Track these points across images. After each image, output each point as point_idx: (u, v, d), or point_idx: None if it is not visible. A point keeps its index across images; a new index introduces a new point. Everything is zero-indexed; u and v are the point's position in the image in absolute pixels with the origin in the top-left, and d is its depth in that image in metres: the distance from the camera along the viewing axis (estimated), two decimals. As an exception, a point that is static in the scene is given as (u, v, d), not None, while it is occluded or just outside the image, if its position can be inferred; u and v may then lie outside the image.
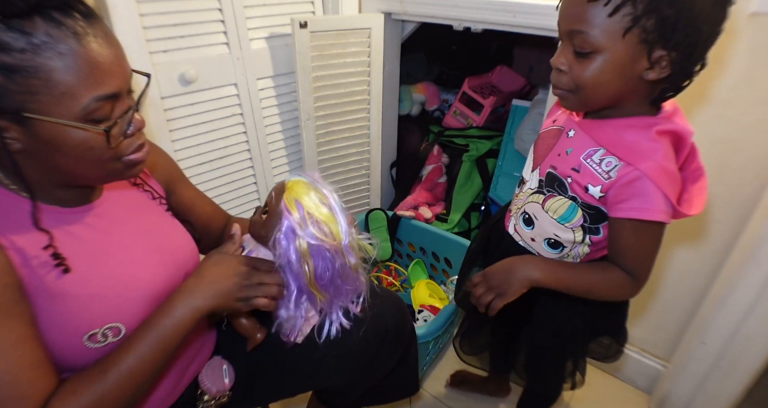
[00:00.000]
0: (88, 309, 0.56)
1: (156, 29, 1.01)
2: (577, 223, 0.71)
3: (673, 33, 0.55)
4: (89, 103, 0.49)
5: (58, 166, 0.53)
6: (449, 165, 1.76)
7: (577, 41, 0.59)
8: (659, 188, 0.61)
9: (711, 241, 1.05)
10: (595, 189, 0.66)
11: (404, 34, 1.54)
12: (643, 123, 0.63)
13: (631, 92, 0.62)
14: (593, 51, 0.58)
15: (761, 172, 0.93)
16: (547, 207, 0.74)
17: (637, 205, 0.63)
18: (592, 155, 0.67)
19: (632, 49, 0.57)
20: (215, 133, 1.20)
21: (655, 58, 0.57)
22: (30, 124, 0.48)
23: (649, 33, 0.55)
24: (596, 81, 0.60)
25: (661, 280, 1.17)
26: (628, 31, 0.55)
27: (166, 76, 1.05)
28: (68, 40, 0.46)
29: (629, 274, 0.70)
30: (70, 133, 0.49)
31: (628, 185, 0.63)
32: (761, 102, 0.89)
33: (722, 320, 1.04)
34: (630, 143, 0.63)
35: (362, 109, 1.43)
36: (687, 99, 0.96)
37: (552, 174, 0.72)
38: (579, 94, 0.63)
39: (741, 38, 0.87)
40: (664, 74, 0.59)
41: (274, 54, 1.24)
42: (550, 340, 0.86)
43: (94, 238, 0.60)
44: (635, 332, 1.29)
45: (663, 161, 0.61)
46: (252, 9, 1.15)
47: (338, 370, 0.84)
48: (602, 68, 0.59)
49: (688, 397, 1.16)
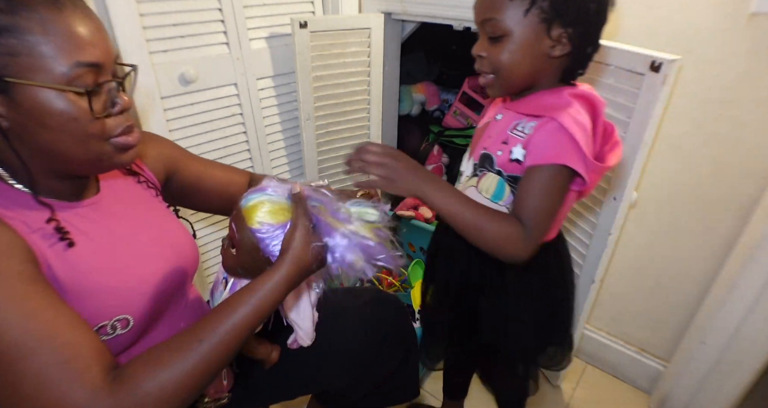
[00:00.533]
0: (97, 302, 0.56)
1: (156, 29, 1.01)
2: (508, 200, 0.74)
3: (567, 10, 0.63)
4: (71, 68, 0.48)
5: (44, 145, 0.51)
6: (449, 165, 1.76)
7: (489, 28, 0.67)
8: (569, 132, 0.64)
9: (711, 241, 1.05)
10: (517, 149, 0.70)
11: (404, 34, 1.54)
12: (556, 90, 0.71)
13: (543, 70, 0.70)
14: (503, 34, 0.66)
15: (761, 172, 0.93)
16: (480, 187, 0.76)
17: (544, 150, 0.66)
18: (517, 126, 0.72)
19: (535, 28, 0.65)
20: (215, 133, 1.20)
21: (556, 36, 0.65)
22: (12, 92, 0.47)
23: (546, 12, 0.64)
24: (510, 61, 0.68)
25: (661, 280, 1.17)
26: (528, 12, 0.64)
27: (166, 76, 1.04)
28: (47, 6, 0.47)
29: (522, 226, 0.68)
30: (52, 101, 0.48)
31: (541, 133, 0.67)
32: (761, 102, 0.89)
33: (722, 320, 1.04)
34: (546, 104, 0.69)
35: (362, 109, 1.43)
36: (687, 99, 0.97)
37: (484, 154, 0.76)
38: (499, 76, 0.70)
39: (741, 38, 0.87)
40: (566, 50, 0.66)
41: (274, 54, 1.24)
42: (500, 336, 0.87)
43: (96, 232, 0.60)
44: (635, 332, 1.29)
45: (575, 114, 0.66)
46: (252, 9, 1.15)
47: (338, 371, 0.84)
48: (513, 49, 0.67)
49: (688, 397, 1.16)
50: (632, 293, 1.24)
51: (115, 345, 0.59)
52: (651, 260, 1.17)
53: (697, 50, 0.92)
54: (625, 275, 1.23)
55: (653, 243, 1.15)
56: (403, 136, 1.81)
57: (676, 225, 1.10)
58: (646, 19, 0.95)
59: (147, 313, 0.62)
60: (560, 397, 1.30)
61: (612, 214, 0.97)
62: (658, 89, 0.80)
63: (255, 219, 0.61)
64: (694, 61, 0.93)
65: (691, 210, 1.06)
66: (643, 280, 1.21)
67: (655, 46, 0.86)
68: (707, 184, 1.01)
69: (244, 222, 0.62)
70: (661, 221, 1.11)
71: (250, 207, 0.62)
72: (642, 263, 1.19)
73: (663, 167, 1.06)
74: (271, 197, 0.63)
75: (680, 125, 1.00)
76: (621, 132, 0.90)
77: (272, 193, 0.64)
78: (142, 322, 0.61)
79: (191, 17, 1.05)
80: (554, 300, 0.87)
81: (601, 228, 1.01)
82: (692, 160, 1.01)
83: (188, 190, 0.80)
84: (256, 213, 0.62)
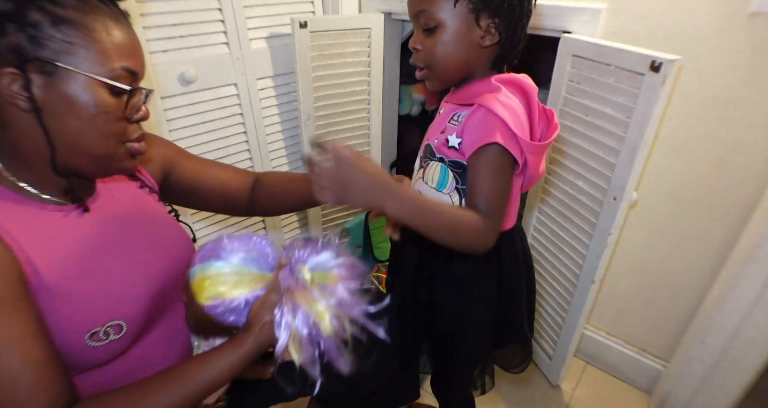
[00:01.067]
0: (89, 306, 0.56)
1: (156, 29, 1.01)
2: (451, 187, 0.75)
3: (492, 1, 0.66)
4: (118, 68, 0.53)
5: (69, 132, 0.53)
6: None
7: (423, 20, 0.69)
8: (497, 114, 0.65)
9: (711, 240, 1.05)
10: (452, 137, 0.72)
11: (404, 34, 1.54)
12: (487, 78, 0.72)
13: (475, 60, 0.71)
14: (436, 25, 0.68)
15: (761, 172, 0.93)
16: (426, 177, 0.77)
17: (477, 136, 0.67)
18: (453, 117, 0.74)
19: (465, 18, 0.67)
20: (215, 133, 1.20)
21: (485, 26, 0.67)
22: (56, 75, 0.50)
23: (474, 2, 0.66)
24: (444, 52, 0.69)
25: (661, 280, 1.17)
26: (457, 2, 0.66)
27: (166, 76, 1.05)
28: (111, 14, 0.53)
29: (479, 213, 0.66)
30: (93, 90, 0.52)
31: (472, 121, 0.69)
32: (761, 102, 0.89)
33: (723, 320, 1.04)
34: (476, 92, 0.71)
35: (362, 109, 1.43)
36: (687, 99, 0.97)
37: (427, 145, 0.79)
38: (433, 69, 0.72)
39: (741, 38, 0.87)
40: (495, 40, 0.69)
41: (274, 54, 1.24)
42: (453, 326, 0.86)
43: (89, 235, 0.60)
44: (635, 332, 1.29)
45: (502, 98, 0.68)
46: (252, 9, 1.15)
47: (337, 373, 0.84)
48: (447, 40, 0.69)
49: (688, 397, 1.16)
50: (632, 293, 1.24)
51: (110, 351, 0.59)
52: (651, 260, 1.17)
53: (697, 50, 0.92)
54: (625, 275, 1.23)
55: (653, 243, 1.15)
56: (403, 136, 1.81)
57: (676, 225, 1.10)
58: (646, 19, 0.95)
59: (141, 318, 0.61)
60: (560, 397, 1.30)
61: (612, 214, 0.97)
62: (658, 89, 0.80)
63: (206, 295, 0.59)
64: (694, 61, 0.93)
65: (691, 210, 1.06)
66: (643, 280, 1.21)
67: (655, 46, 0.86)
68: (707, 184, 1.01)
69: (194, 297, 0.59)
70: (661, 221, 1.11)
71: (198, 281, 0.59)
72: (642, 263, 1.19)
73: (663, 167, 1.06)
74: (222, 268, 0.59)
75: (680, 125, 1.00)
76: (621, 132, 0.90)
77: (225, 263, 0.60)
78: (136, 327, 0.61)
79: (191, 17, 1.05)
80: (509, 293, 0.85)
81: (601, 228, 1.01)
82: (692, 160, 1.01)
83: (186, 188, 0.80)
84: (207, 289, 0.59)
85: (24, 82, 0.49)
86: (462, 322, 0.85)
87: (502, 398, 1.29)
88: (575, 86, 1.00)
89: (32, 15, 0.47)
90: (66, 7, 0.49)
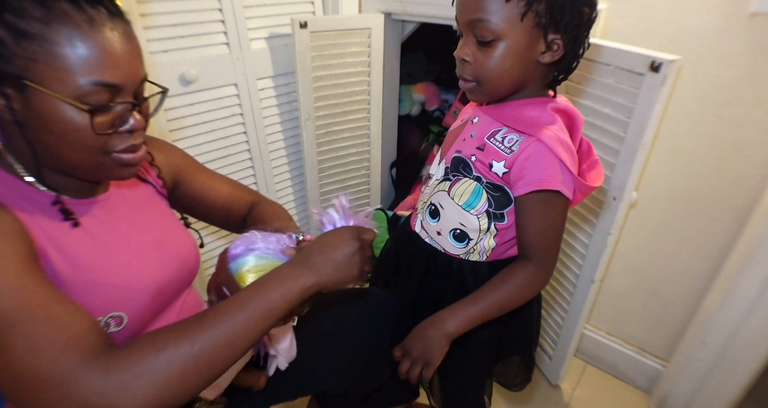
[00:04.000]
0: (93, 297, 0.56)
1: (156, 29, 1.01)
2: (482, 209, 0.72)
3: (562, 16, 0.60)
4: (85, 84, 0.49)
5: (47, 146, 0.53)
6: (449, 165, 1.76)
7: (478, 30, 0.62)
8: (557, 156, 0.63)
9: (711, 240, 1.06)
10: (498, 164, 0.67)
11: (404, 34, 1.54)
12: (539, 101, 0.68)
13: (530, 77, 0.67)
14: (495, 38, 0.61)
15: (761, 172, 0.94)
16: (453, 192, 0.74)
17: (537, 177, 0.64)
18: (495, 134, 0.69)
19: (530, 33, 0.61)
20: (215, 133, 1.20)
21: (551, 41, 0.62)
22: (27, 92, 0.48)
23: (542, 16, 0.60)
24: (500, 68, 0.64)
25: (661, 279, 1.17)
26: (524, 16, 0.59)
27: (166, 76, 1.05)
28: (82, 22, 0.48)
29: (534, 263, 0.70)
30: (58, 109, 0.49)
31: (529, 158, 0.65)
32: (761, 102, 0.89)
33: (722, 320, 1.04)
34: (529, 118, 0.66)
35: (362, 109, 1.43)
36: (687, 99, 0.97)
37: (457, 157, 0.73)
38: (484, 84, 0.66)
39: (741, 38, 0.87)
40: (558, 57, 0.63)
41: (274, 54, 1.24)
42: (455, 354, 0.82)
43: (98, 228, 0.60)
44: (635, 332, 1.29)
45: (560, 133, 0.64)
46: (252, 9, 1.15)
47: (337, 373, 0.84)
48: (504, 54, 0.62)
49: (688, 397, 1.16)
50: (632, 293, 1.24)
51: None
52: (651, 260, 1.17)
53: (696, 50, 0.92)
54: (625, 275, 1.23)
55: (653, 243, 1.15)
56: (403, 136, 1.81)
57: (675, 225, 1.10)
58: (646, 19, 0.95)
59: (142, 312, 0.62)
60: (560, 397, 1.30)
61: (612, 214, 0.97)
62: (658, 89, 0.80)
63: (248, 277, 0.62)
64: (694, 61, 0.93)
65: (691, 210, 1.06)
66: (643, 280, 1.21)
67: (655, 46, 0.86)
68: (707, 184, 1.01)
69: (238, 287, 0.62)
70: (660, 221, 1.11)
71: (244, 272, 0.62)
72: (642, 263, 1.19)
73: (663, 167, 1.06)
74: (261, 258, 0.62)
75: (680, 125, 1.00)
76: (621, 132, 0.90)
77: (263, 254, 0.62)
78: (137, 321, 0.61)
79: (191, 17, 1.05)
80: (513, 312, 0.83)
81: (600, 228, 1.01)
82: (692, 160, 1.02)
83: (192, 201, 0.81)
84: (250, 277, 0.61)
85: (4, 97, 0.48)
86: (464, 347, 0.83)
87: (502, 398, 1.29)
88: (575, 86, 1.00)
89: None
90: (29, 19, 0.46)
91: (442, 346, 0.73)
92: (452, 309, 0.73)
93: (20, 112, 0.50)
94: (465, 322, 0.72)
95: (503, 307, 0.72)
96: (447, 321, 0.72)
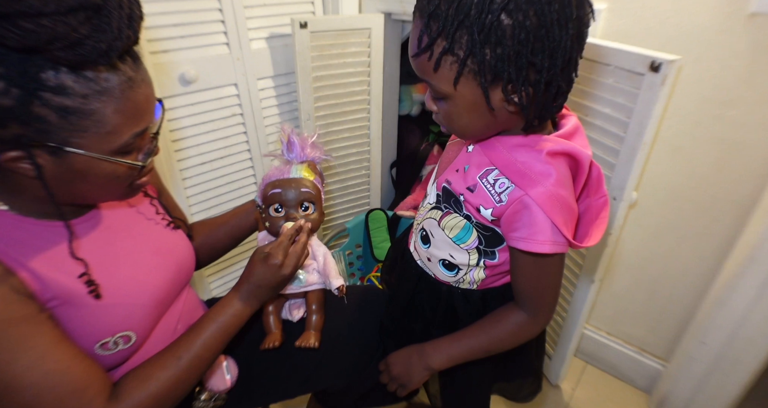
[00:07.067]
0: (101, 318, 0.56)
1: (156, 29, 1.01)
2: (472, 245, 0.68)
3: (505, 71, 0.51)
4: (128, 140, 0.51)
5: (76, 192, 0.53)
6: (449, 165, 1.76)
7: (430, 87, 0.58)
8: (548, 217, 0.58)
9: (711, 240, 1.06)
10: (486, 211, 0.63)
11: (404, 34, 1.54)
12: (533, 142, 0.59)
13: (503, 123, 0.60)
14: (444, 96, 0.57)
15: (761, 172, 0.94)
16: (443, 224, 0.70)
17: (525, 235, 0.60)
18: (487, 175, 0.63)
19: (474, 91, 0.54)
20: (215, 133, 1.20)
21: (502, 96, 0.54)
22: (64, 156, 0.48)
23: (482, 75, 0.52)
24: (459, 121, 0.60)
25: (661, 279, 1.17)
26: (457, 82, 0.53)
27: (166, 76, 1.04)
28: (123, 85, 0.48)
29: (527, 312, 0.69)
30: (102, 166, 0.51)
31: (517, 213, 0.60)
32: (761, 102, 0.89)
33: (722, 320, 1.04)
34: (521, 165, 0.59)
35: (362, 109, 1.43)
36: (687, 99, 0.97)
37: (447, 190, 0.69)
38: (455, 132, 0.64)
39: (741, 38, 0.87)
40: (526, 101, 0.54)
41: (274, 54, 1.24)
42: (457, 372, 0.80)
43: (98, 248, 0.60)
44: (634, 332, 1.29)
45: (555, 187, 0.57)
46: (252, 9, 1.15)
47: (337, 371, 0.84)
48: (457, 111, 0.58)
49: (687, 397, 1.16)
50: (632, 293, 1.24)
51: (116, 359, 0.59)
52: (651, 260, 1.17)
53: (696, 50, 0.92)
54: (625, 275, 1.23)
55: (653, 243, 1.15)
56: (403, 136, 1.81)
57: (676, 225, 1.10)
58: (646, 19, 0.95)
59: (148, 326, 0.62)
60: (560, 397, 1.30)
61: (612, 214, 0.97)
62: (658, 89, 0.80)
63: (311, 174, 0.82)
64: (694, 61, 0.93)
65: (691, 210, 1.06)
66: (643, 280, 1.21)
67: (655, 46, 0.86)
68: (707, 184, 1.01)
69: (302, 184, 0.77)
70: (661, 221, 1.11)
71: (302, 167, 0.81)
72: (642, 263, 1.19)
73: (663, 167, 1.06)
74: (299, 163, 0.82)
75: (680, 125, 1.00)
76: (621, 132, 0.90)
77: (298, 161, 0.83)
78: (144, 336, 0.62)
79: (191, 17, 1.05)
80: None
81: (600, 228, 1.01)
82: (692, 160, 1.02)
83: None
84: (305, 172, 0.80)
85: (29, 160, 0.47)
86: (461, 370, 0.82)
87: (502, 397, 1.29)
88: (575, 86, 0.99)
89: (37, 110, 0.44)
90: (72, 96, 0.45)
91: (422, 376, 0.75)
92: (438, 344, 0.74)
93: (48, 170, 0.49)
94: (448, 361, 0.73)
95: (490, 351, 0.72)
96: (431, 356, 0.74)
